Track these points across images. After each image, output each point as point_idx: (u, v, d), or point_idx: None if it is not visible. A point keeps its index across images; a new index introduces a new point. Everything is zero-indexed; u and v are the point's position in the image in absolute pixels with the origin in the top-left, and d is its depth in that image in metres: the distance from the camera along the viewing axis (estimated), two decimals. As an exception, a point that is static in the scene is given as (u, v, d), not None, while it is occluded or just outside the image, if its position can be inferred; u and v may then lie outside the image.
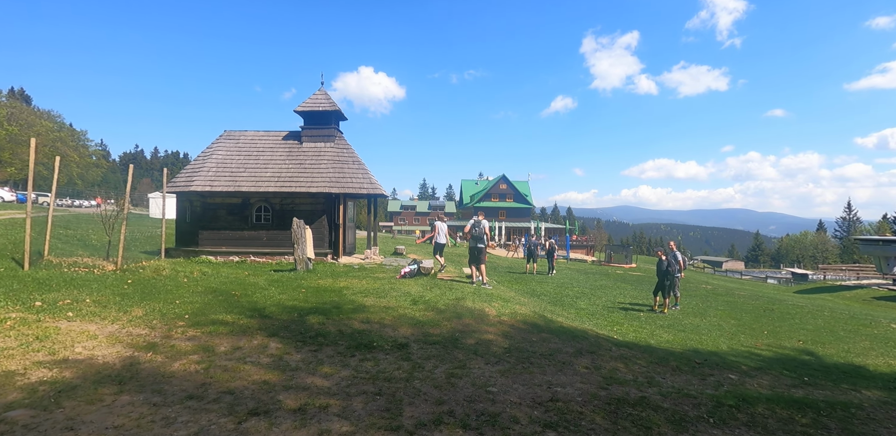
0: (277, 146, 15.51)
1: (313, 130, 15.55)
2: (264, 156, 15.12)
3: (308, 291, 8.48)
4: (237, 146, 15.48)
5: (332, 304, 7.48)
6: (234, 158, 14.99)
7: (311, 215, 14.27)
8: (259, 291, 8.18)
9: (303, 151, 15.26)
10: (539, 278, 17.67)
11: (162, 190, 14.61)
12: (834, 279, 38.78)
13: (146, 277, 8.43)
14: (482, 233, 11.02)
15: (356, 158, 15.25)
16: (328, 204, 14.41)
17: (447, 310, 7.68)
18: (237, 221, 14.34)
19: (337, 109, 15.34)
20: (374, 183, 14.67)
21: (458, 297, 8.81)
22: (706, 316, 11.42)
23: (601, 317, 10.50)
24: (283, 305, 7.22)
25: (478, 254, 11.14)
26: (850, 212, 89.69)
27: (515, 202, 73.03)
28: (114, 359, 4.50)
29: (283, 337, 5.59)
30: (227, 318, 6.17)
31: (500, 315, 7.67)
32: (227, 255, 14.15)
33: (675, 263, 12.02)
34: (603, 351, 6.34)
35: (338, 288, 9.05)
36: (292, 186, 14.00)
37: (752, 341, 8.89)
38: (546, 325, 7.50)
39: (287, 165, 14.74)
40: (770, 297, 16.28)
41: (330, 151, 15.23)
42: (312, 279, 10.22)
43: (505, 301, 9.02)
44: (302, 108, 15.38)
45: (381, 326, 6.42)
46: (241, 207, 14.32)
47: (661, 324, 10.16)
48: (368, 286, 9.51)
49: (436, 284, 10.18)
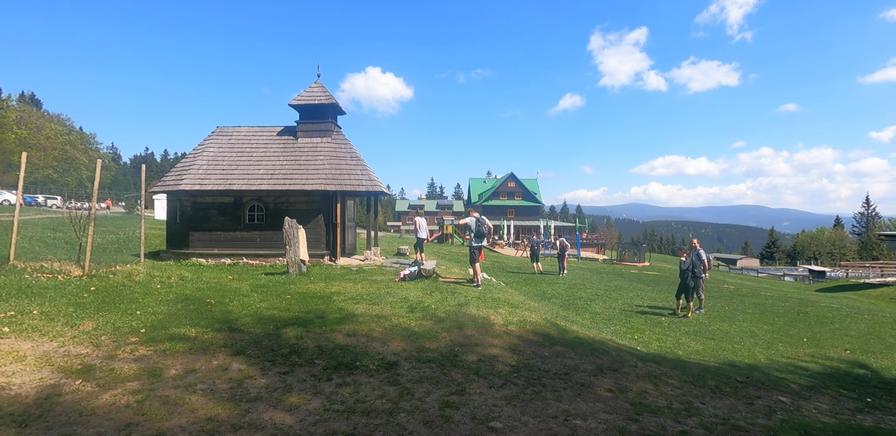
0: (272, 142, 14.73)
1: (309, 125, 14.75)
2: (257, 152, 14.34)
3: (293, 298, 7.64)
4: (229, 143, 14.72)
5: (317, 312, 6.63)
6: (226, 155, 14.23)
7: (307, 214, 13.46)
8: (238, 299, 7.36)
9: (298, 147, 14.46)
10: (549, 279, 16.73)
11: (155, 190, 13.93)
12: (857, 277, 37.32)
13: (114, 284, 7.65)
14: (487, 231, 10.13)
15: (355, 154, 14.42)
16: (325, 202, 13.59)
17: (447, 318, 6.81)
18: (229, 221, 13.57)
19: (334, 102, 14.51)
20: (373, 179, 13.83)
21: (460, 302, 7.93)
22: (735, 321, 10.42)
23: (619, 323, 9.56)
24: (260, 314, 6.39)
25: (479, 253, 10.31)
26: (869, 207, 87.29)
27: (524, 200, 71.91)
28: (31, 389, 3.68)
29: (251, 356, 4.75)
30: (189, 332, 5.35)
31: (507, 324, 6.78)
32: (219, 257, 13.39)
33: (698, 262, 11.04)
34: (627, 368, 5.43)
35: (328, 293, 8.21)
36: (286, 183, 13.21)
37: (792, 351, 7.90)
38: (559, 335, 6.59)
39: (281, 162, 13.95)
40: (800, 298, 15.18)
41: (326, 146, 14.41)
42: (303, 284, 9.40)
43: (513, 307, 8.12)
44: (297, 101, 14.58)
45: (368, 339, 5.56)
46: (233, 207, 13.55)
47: (686, 330, 9.20)
48: (363, 291, 8.66)
49: (437, 288, 9.31)
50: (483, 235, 10.10)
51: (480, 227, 10.05)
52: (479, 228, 10.04)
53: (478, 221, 10.11)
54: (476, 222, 10.09)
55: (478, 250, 10.23)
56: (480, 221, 10.10)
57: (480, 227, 10.05)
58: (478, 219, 10.13)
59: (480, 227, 10.05)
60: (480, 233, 10.04)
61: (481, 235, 10.07)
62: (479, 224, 10.06)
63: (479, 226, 10.05)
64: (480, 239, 10.15)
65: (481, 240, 10.17)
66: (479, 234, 10.05)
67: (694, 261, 10.61)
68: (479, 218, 10.17)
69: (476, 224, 10.05)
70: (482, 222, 10.11)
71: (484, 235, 10.14)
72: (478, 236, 10.08)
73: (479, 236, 10.09)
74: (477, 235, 10.06)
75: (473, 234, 10.12)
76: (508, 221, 55.98)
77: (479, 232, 10.04)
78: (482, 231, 10.04)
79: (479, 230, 10.04)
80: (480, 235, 10.06)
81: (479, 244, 10.23)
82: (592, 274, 20.09)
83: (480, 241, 10.17)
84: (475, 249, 10.23)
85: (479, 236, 10.09)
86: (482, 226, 10.06)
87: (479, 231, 10.03)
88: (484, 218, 10.25)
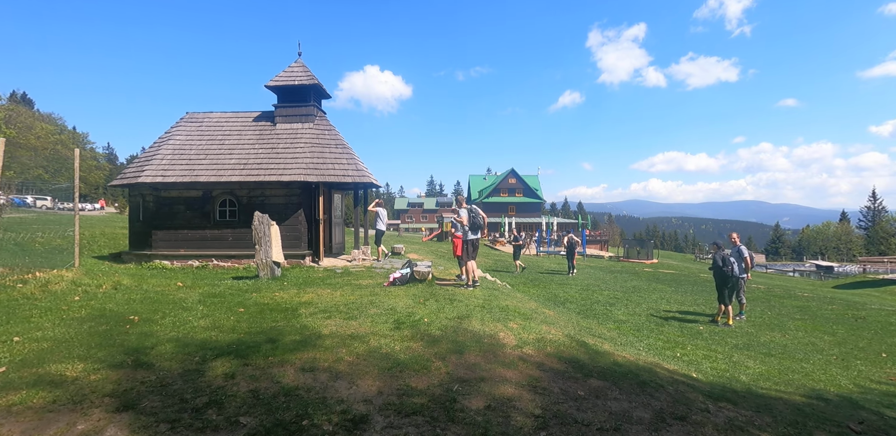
0: (247, 129, 13.09)
1: (289, 109, 13.11)
2: (230, 140, 12.71)
3: (248, 312, 6.03)
4: (199, 130, 13.08)
5: (271, 333, 5.03)
6: (194, 144, 12.60)
7: (285, 209, 11.84)
8: (174, 314, 5.74)
9: (276, 134, 12.83)
10: (559, 279, 15.12)
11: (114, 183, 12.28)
12: (874, 272, 35.75)
13: (15, 297, 6.04)
14: (482, 222, 8.80)
15: (340, 141, 12.78)
16: (306, 196, 11.97)
17: (443, 337, 5.21)
18: (197, 218, 11.94)
19: (316, 82, 12.86)
20: (361, 169, 12.20)
21: (460, 314, 6.33)
22: (786, 330, 8.82)
23: (651, 334, 7.95)
24: (190, 338, 4.78)
25: (476, 248, 9.00)
26: (875, 201, 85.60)
27: (525, 197, 70.26)
28: None
29: (143, 412, 3.14)
30: (71, 370, 3.74)
31: (521, 345, 5.18)
32: (186, 259, 11.77)
33: (738, 260, 9.44)
34: (697, 413, 3.82)
35: (295, 305, 6.60)
36: (261, 174, 11.58)
37: (879, 372, 6.30)
38: (591, 360, 4.98)
39: (256, 151, 12.32)
40: (842, 299, 13.57)
41: (308, 132, 12.78)
42: (269, 291, 7.80)
43: (526, 318, 6.51)
44: (275, 82, 12.94)
45: (331, 375, 3.95)
46: (201, 202, 11.92)
47: (734, 343, 7.60)
48: (341, 300, 7.06)
49: (433, 295, 7.71)
50: (479, 226, 8.78)
51: (475, 218, 8.72)
52: (475, 220, 8.72)
53: (471, 211, 8.77)
54: (470, 213, 8.76)
55: (473, 245, 8.86)
56: (474, 212, 8.77)
57: (475, 218, 8.72)
58: (470, 209, 8.80)
59: (475, 218, 8.72)
60: (476, 224, 8.73)
61: (477, 226, 8.76)
62: (474, 215, 8.74)
63: (474, 217, 8.72)
64: (476, 231, 8.84)
65: (476, 232, 8.86)
66: (474, 226, 8.73)
67: (726, 258, 8.98)
68: (472, 208, 8.84)
69: (470, 215, 8.72)
70: (475, 213, 8.78)
71: (480, 227, 8.81)
72: (473, 229, 8.77)
73: (475, 228, 8.78)
74: (472, 227, 8.74)
75: (468, 226, 8.76)
76: (510, 218, 54.39)
77: (475, 223, 8.72)
78: (478, 222, 8.71)
79: (475, 221, 8.71)
80: (476, 226, 8.75)
81: (476, 237, 8.89)
82: (604, 273, 18.49)
83: (476, 233, 8.86)
84: (469, 244, 8.86)
85: (475, 228, 8.78)
86: (476, 217, 8.74)
87: (474, 223, 8.71)
88: (477, 208, 8.91)
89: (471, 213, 8.76)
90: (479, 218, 8.77)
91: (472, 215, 8.71)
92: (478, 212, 8.82)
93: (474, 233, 8.85)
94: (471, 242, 8.90)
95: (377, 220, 12.01)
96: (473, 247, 8.98)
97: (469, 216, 8.71)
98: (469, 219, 8.71)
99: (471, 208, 8.82)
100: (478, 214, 8.78)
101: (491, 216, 66.53)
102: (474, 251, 9.05)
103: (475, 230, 8.82)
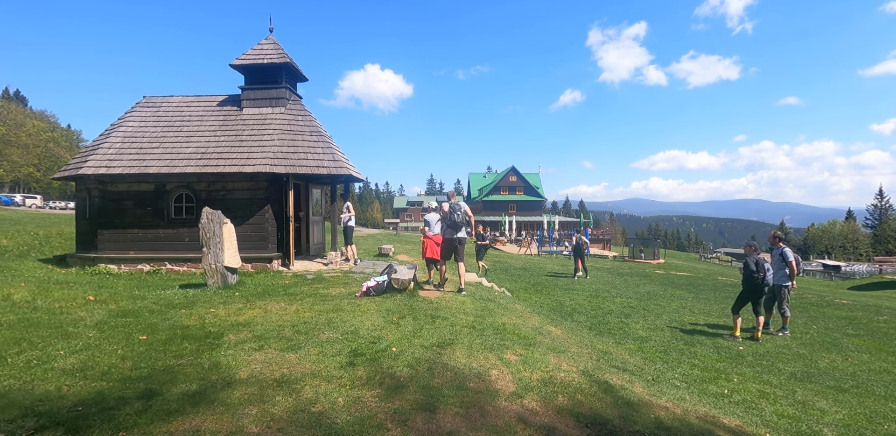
0: (209, 114, 11.54)
1: (257, 91, 11.55)
2: (189, 127, 11.15)
3: (150, 341, 4.48)
4: (155, 116, 11.53)
5: (158, 380, 3.48)
6: (148, 131, 11.04)
7: (251, 205, 10.30)
8: (41, 347, 4.19)
9: (242, 120, 11.27)
10: (564, 284, 13.56)
11: (56, 176, 10.74)
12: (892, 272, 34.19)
13: None
14: (464, 219, 7.40)
15: (316, 128, 11.22)
16: (275, 189, 10.43)
17: (412, 381, 3.68)
18: (149, 215, 10.39)
19: (288, 61, 11.29)
20: (338, 160, 10.63)
21: (441, 339, 4.79)
22: (845, 350, 7.25)
23: (684, 357, 6.40)
24: (27, 391, 3.24)
25: (460, 248, 7.64)
26: (882, 199, 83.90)
27: (526, 195, 68.64)
28: None
29: None
30: None
31: (522, 393, 3.63)
32: (136, 262, 10.23)
33: (782, 265, 7.89)
34: None
35: (223, 328, 5.05)
36: (221, 164, 10.02)
37: None
38: (624, 419, 3.43)
39: (218, 138, 10.76)
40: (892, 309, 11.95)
41: (278, 118, 11.21)
42: (206, 306, 6.26)
43: (527, 344, 4.96)
44: (241, 60, 11.37)
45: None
46: (153, 197, 10.38)
47: (789, 371, 6.04)
48: (291, 319, 5.52)
49: (412, 310, 6.17)
50: (459, 224, 7.38)
51: (455, 214, 7.35)
52: (453, 216, 7.34)
53: (453, 206, 7.42)
54: (452, 208, 7.42)
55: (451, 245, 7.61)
56: (456, 208, 7.41)
57: (455, 214, 7.35)
58: (453, 205, 7.44)
59: (455, 214, 7.35)
60: (455, 222, 7.36)
61: (457, 224, 7.38)
62: (454, 211, 7.37)
63: (453, 212, 7.35)
64: (458, 229, 7.47)
65: (458, 230, 7.49)
66: (453, 223, 7.37)
67: (759, 262, 7.42)
68: (455, 204, 7.47)
69: (451, 211, 7.39)
70: (457, 209, 7.39)
71: (461, 225, 7.42)
72: (453, 226, 7.41)
73: (456, 226, 7.42)
74: (451, 224, 7.40)
75: (447, 223, 7.46)
76: (510, 217, 52.91)
77: (454, 221, 7.35)
78: (456, 219, 7.33)
79: (453, 219, 7.34)
80: (456, 224, 7.38)
81: (459, 236, 7.53)
82: (612, 275, 16.92)
83: (458, 231, 7.49)
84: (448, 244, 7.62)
85: (456, 226, 7.42)
86: (456, 212, 7.35)
87: (452, 220, 7.36)
88: (460, 203, 7.52)
89: (452, 208, 7.37)
90: (458, 214, 7.37)
91: (452, 211, 7.34)
92: (460, 207, 7.44)
93: (455, 231, 7.46)
94: (450, 242, 7.58)
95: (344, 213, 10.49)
96: (451, 247, 7.65)
97: (449, 212, 7.36)
98: (448, 215, 7.36)
99: (454, 204, 7.42)
100: (458, 210, 7.40)
101: (491, 215, 64.99)
102: (454, 252, 7.71)
103: (456, 228, 7.44)
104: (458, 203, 7.59)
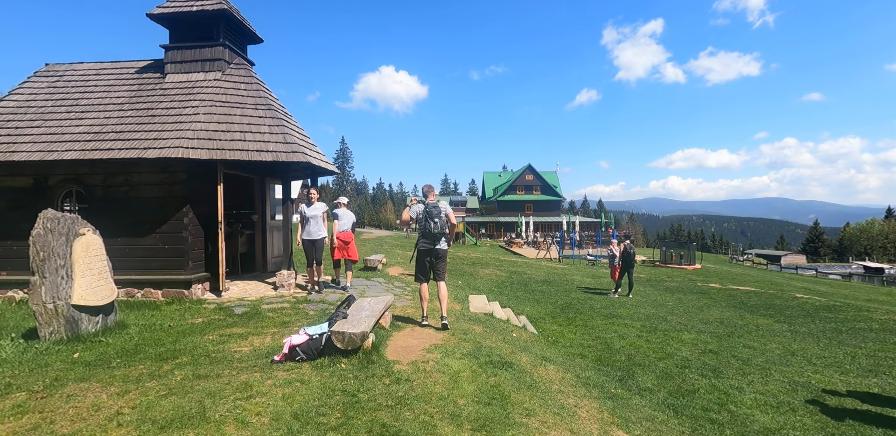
0: (121, 83, 8.56)
1: (185, 52, 8.52)
2: (89, 99, 8.19)
3: None
4: (51, 87, 8.60)
5: None
6: (33, 106, 8.11)
7: (164, 206, 7.25)
8: None
9: (162, 89, 8.26)
10: (603, 306, 10.27)
11: None
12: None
13: None
14: (444, 224, 5.35)
15: (265, 101, 8.15)
16: (197, 183, 7.39)
17: None
18: (25, 222, 7.41)
19: (226, 8, 8.22)
20: (292, 143, 7.53)
21: None
22: None
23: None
24: None
25: (439, 263, 5.50)
26: (928, 196, 78.22)
27: (543, 194, 65.07)
28: None
29: None
30: None
31: None
32: (6, 286, 7.30)
33: None
34: None
35: None
36: (116, 147, 7.01)
37: None
38: None
39: (123, 112, 7.77)
40: None
41: (211, 86, 8.18)
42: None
43: None
44: (162, 9, 8.34)
45: None
46: (32, 196, 7.42)
47: None
48: None
49: (350, 408, 3.05)
50: (433, 234, 5.35)
51: (429, 219, 5.31)
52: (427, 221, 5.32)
53: (429, 207, 5.38)
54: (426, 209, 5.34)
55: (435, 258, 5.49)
56: (431, 210, 5.28)
57: (429, 219, 5.31)
58: (429, 206, 5.39)
59: (429, 219, 5.31)
60: (428, 229, 5.34)
61: (430, 233, 5.36)
62: (429, 215, 5.33)
63: (429, 217, 5.32)
64: (432, 239, 5.44)
65: (434, 240, 5.45)
66: (426, 231, 5.37)
67: None
68: (434, 204, 5.42)
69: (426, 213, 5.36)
70: (433, 212, 5.33)
71: (435, 235, 5.37)
72: (426, 235, 5.41)
73: (429, 235, 5.40)
74: (423, 232, 5.40)
75: (421, 230, 5.44)
76: (527, 217, 49.54)
77: (426, 228, 5.35)
78: (429, 226, 5.31)
79: (426, 226, 5.34)
80: (428, 233, 5.36)
81: (438, 248, 5.47)
82: (655, 290, 13.56)
83: (432, 241, 5.45)
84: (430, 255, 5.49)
85: (429, 235, 5.40)
86: (432, 218, 5.31)
87: (425, 226, 5.36)
88: (442, 204, 5.46)
89: (429, 212, 5.27)
90: (437, 220, 5.24)
91: (428, 217, 5.17)
92: (439, 210, 5.33)
93: (432, 241, 5.41)
94: (425, 255, 5.46)
95: (309, 220, 7.31)
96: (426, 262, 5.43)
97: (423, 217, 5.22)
98: (422, 220, 5.31)
99: (431, 206, 5.35)
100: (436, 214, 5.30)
101: (507, 215, 61.55)
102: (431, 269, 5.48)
103: (432, 238, 5.37)
104: (437, 204, 5.39)
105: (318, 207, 7.36)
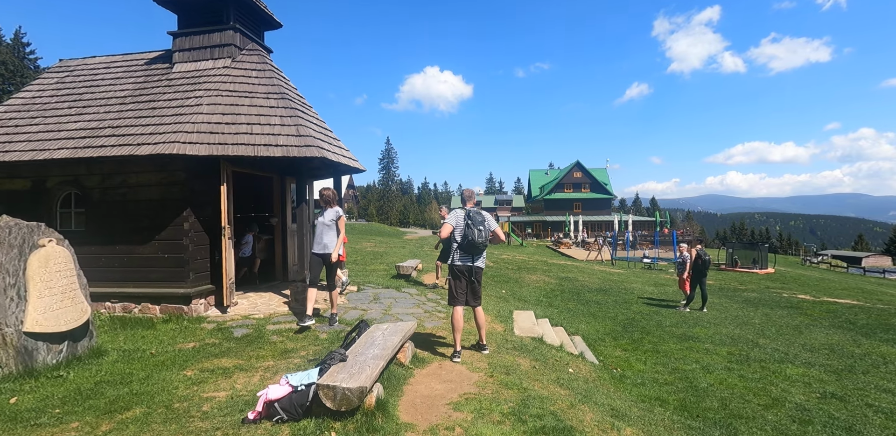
0: (128, 76, 7.83)
1: (193, 38, 7.69)
2: (93, 94, 7.50)
3: None
4: (59, 84, 8.00)
5: None
6: (38, 102, 7.52)
7: (162, 210, 6.39)
8: None
9: (169, 79, 7.45)
10: (672, 324, 8.66)
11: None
12: None
13: None
14: (486, 236, 4.29)
15: (279, 89, 7.18)
16: (199, 183, 6.49)
17: None
18: (24, 227, 6.79)
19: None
20: (304, 136, 6.49)
21: None
22: None
23: None
24: None
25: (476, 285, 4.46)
26: None
27: (593, 192, 62.22)
28: None
29: None
30: None
31: None
32: None
33: None
34: None
35: None
36: (109, 144, 6.21)
37: None
38: None
39: (125, 106, 7.01)
40: None
41: (218, 74, 7.28)
42: None
43: None
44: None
45: None
46: (30, 199, 6.77)
47: None
48: None
49: None
50: (476, 245, 4.24)
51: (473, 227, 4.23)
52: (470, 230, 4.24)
53: (470, 214, 4.33)
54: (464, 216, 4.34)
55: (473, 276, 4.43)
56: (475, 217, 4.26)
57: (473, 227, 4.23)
58: (475, 213, 4.36)
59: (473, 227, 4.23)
60: (469, 239, 4.25)
61: (472, 244, 4.26)
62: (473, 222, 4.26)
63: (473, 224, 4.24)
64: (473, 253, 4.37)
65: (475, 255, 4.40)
66: (467, 242, 4.27)
67: None
68: (472, 210, 4.39)
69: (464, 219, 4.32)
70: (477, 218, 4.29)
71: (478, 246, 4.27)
72: (466, 247, 4.32)
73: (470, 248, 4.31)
74: (464, 243, 4.30)
75: (458, 239, 4.35)
76: (576, 217, 47.30)
77: (467, 237, 4.26)
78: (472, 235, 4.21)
79: (469, 236, 4.24)
80: (471, 244, 4.26)
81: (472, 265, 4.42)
82: (733, 302, 11.67)
83: (472, 257, 4.40)
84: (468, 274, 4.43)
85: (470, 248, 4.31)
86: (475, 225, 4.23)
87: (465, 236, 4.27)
88: (483, 213, 4.38)
89: (472, 219, 4.23)
90: (480, 228, 4.25)
91: (471, 224, 4.10)
92: (483, 217, 4.32)
93: (472, 257, 4.37)
94: (466, 275, 4.43)
95: (324, 229, 6.04)
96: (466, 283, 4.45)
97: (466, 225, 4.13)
98: (464, 229, 4.22)
99: (473, 213, 4.34)
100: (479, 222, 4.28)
101: (554, 215, 59.26)
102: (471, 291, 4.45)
103: (475, 253, 4.33)
104: (479, 212, 4.39)
105: (329, 212, 5.90)
